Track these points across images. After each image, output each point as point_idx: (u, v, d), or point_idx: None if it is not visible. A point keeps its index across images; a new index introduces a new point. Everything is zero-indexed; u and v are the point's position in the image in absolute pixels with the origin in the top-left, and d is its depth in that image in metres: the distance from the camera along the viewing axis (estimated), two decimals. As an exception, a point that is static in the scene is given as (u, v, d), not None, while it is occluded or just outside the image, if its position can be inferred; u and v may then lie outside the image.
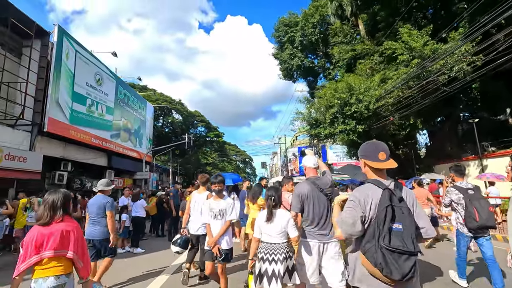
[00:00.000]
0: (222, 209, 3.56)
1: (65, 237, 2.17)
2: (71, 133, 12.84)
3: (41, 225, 2.17)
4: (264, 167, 47.05)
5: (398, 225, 1.53)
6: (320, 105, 12.73)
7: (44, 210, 2.20)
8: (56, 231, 2.14)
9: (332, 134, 12.58)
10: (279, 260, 2.75)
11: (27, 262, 2.05)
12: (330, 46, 20.12)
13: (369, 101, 11.40)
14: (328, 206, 2.94)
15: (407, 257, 1.48)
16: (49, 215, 2.18)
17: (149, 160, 23.19)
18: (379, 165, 1.72)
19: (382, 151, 1.73)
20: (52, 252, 2.09)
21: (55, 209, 2.21)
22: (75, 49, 13.43)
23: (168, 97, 32.18)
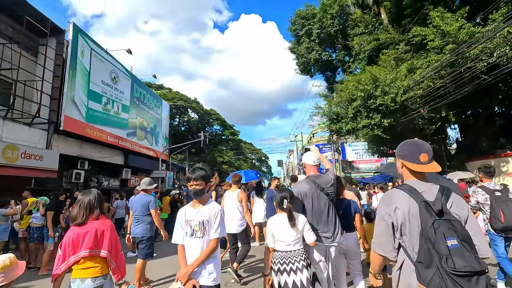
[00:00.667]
0: (204, 221, 2.29)
1: (99, 236, 2.17)
2: (87, 131, 12.78)
3: (77, 225, 2.18)
4: (280, 165, 46.34)
5: (453, 241, 1.27)
6: (341, 99, 11.95)
7: (80, 210, 2.21)
8: (91, 230, 2.15)
9: (355, 129, 11.78)
10: (298, 269, 2.41)
11: (66, 262, 2.09)
12: (349, 38, 19.18)
13: (395, 92, 10.52)
14: (329, 206, 2.76)
15: (477, 278, 1.22)
16: (85, 214, 2.20)
17: (166, 158, 23.12)
18: (420, 168, 1.51)
19: (425, 152, 1.52)
20: (87, 251, 2.10)
21: (92, 208, 2.23)
22: (90, 47, 13.35)
23: (183, 96, 32.16)
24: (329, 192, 2.79)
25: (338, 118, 12.36)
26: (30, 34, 10.99)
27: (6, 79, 9.77)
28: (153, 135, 20.38)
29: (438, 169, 1.51)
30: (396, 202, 1.48)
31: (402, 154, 1.61)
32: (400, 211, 1.45)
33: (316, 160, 2.96)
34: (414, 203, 1.42)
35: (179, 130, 36.31)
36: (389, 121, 10.91)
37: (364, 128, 11.52)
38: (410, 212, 1.42)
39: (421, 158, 1.51)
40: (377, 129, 11.32)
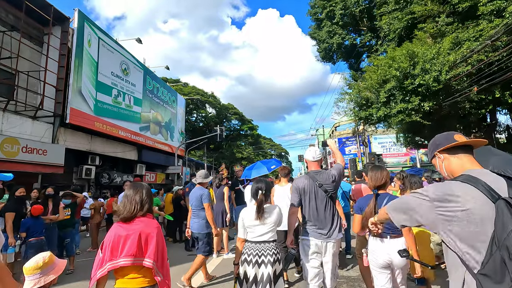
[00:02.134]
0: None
1: (144, 241, 1.85)
2: (96, 125, 12.15)
3: (122, 220, 1.91)
4: (301, 161, 44.71)
5: None
6: (371, 81, 10.40)
7: (127, 203, 1.93)
8: (134, 232, 1.84)
9: (387, 115, 10.21)
10: (264, 262, 2.46)
11: (102, 269, 1.81)
12: (376, 19, 17.36)
13: (439, 70, 8.85)
14: (327, 203, 2.75)
15: None
16: (135, 208, 1.91)
17: (182, 154, 22.48)
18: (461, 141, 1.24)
19: (459, 133, 1.30)
20: (128, 259, 1.80)
21: (142, 203, 1.94)
22: (98, 36, 12.69)
23: (200, 90, 31.46)
24: (327, 189, 2.75)
25: (368, 104, 10.82)
26: (33, 22, 10.40)
27: (7, 69, 9.21)
28: (168, 130, 19.72)
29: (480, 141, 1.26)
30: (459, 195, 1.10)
31: (435, 147, 1.34)
32: (463, 209, 1.08)
33: (316, 156, 2.91)
34: (485, 200, 1.06)
35: (197, 126, 35.79)
36: (430, 104, 9.27)
37: (398, 114, 9.94)
38: (479, 212, 1.06)
39: (456, 138, 1.27)
40: (415, 115, 9.72)
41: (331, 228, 2.69)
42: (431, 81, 8.90)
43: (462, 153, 1.26)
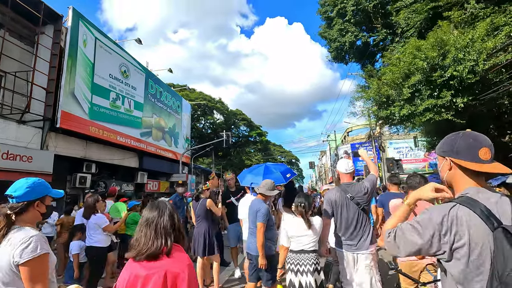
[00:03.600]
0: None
1: (170, 284, 1.30)
2: (91, 129, 11.32)
3: (139, 260, 1.35)
4: (312, 167, 43.27)
5: None
6: (393, 75, 9.16)
7: (146, 235, 1.37)
8: (157, 271, 1.31)
9: (412, 114, 8.91)
10: (305, 271, 2.61)
11: None
12: (391, 15, 16.19)
13: (475, 59, 7.56)
14: (359, 215, 2.73)
15: None
16: (161, 241, 1.36)
17: (187, 161, 21.55)
18: (481, 167, 1.09)
19: (487, 146, 1.11)
20: None
21: (167, 234, 1.38)
22: (94, 36, 11.98)
23: (207, 96, 30.72)
24: (359, 201, 2.74)
25: (389, 102, 9.55)
26: (23, 21, 9.75)
27: (-9, 70, 8.48)
28: (172, 136, 18.85)
29: (503, 169, 1.09)
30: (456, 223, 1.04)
31: (451, 150, 1.18)
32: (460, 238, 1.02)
33: (349, 168, 2.93)
34: (484, 228, 0.99)
35: (205, 132, 35.00)
36: (464, 99, 7.94)
37: (426, 112, 8.63)
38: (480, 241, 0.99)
39: (481, 155, 1.10)
40: (445, 112, 8.40)
41: (360, 239, 2.68)
42: (465, 72, 7.60)
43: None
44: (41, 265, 1.47)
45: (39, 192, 1.60)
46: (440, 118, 8.40)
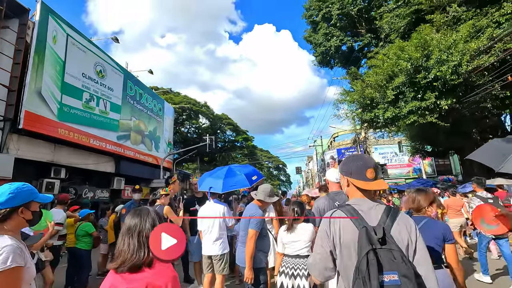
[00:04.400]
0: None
1: None
2: (60, 132, 10.53)
3: (121, 271, 1.24)
4: (299, 173, 43.08)
5: (392, 276, 1.10)
6: (376, 77, 8.94)
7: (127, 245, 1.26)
8: (138, 285, 1.21)
9: (397, 117, 8.69)
10: (299, 275, 2.65)
11: None
12: (375, 20, 16.30)
13: (459, 59, 7.40)
14: None
15: None
16: (139, 254, 1.24)
17: (169, 166, 20.76)
18: (367, 186, 1.35)
19: (372, 167, 1.38)
20: None
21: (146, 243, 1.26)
22: (66, 33, 11.26)
23: (192, 100, 30.08)
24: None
25: (373, 104, 9.31)
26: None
27: None
28: (152, 140, 18.09)
29: (385, 186, 1.42)
30: (336, 226, 1.31)
31: (346, 170, 1.44)
32: (338, 237, 1.29)
33: (339, 178, 2.36)
34: (354, 229, 1.25)
35: (191, 137, 34.22)
36: (448, 101, 7.76)
37: (410, 114, 8.42)
38: (349, 239, 1.25)
39: (367, 174, 1.35)
40: (429, 115, 8.20)
41: None
42: (449, 73, 7.43)
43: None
44: (10, 279, 1.33)
45: (23, 198, 1.53)
46: (424, 121, 8.20)
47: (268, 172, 56.30)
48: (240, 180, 3.03)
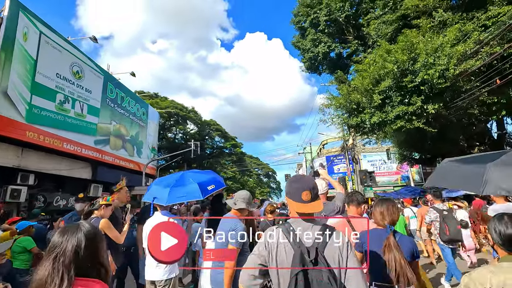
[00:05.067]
0: None
1: None
2: (28, 135, 9.82)
3: None
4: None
5: None
6: (363, 80, 8.65)
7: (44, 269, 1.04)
8: None
9: (383, 122, 8.38)
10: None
11: None
12: (363, 27, 16.30)
13: (445, 63, 7.17)
14: None
15: None
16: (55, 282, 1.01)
17: (153, 173, 20.00)
18: (301, 208, 1.37)
19: (308, 189, 1.38)
20: None
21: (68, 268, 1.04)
22: (39, 30, 10.63)
23: (179, 104, 29.47)
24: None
25: (359, 109, 9.00)
26: None
27: None
28: (134, 145, 17.38)
29: (319, 209, 1.38)
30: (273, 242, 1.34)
31: (288, 192, 1.47)
32: (274, 253, 1.31)
33: (323, 189, 2.93)
34: (290, 248, 1.28)
35: (180, 143, 33.42)
36: (435, 106, 7.50)
37: (397, 120, 8.13)
38: (284, 258, 1.28)
39: (303, 197, 1.37)
40: (416, 120, 7.92)
41: None
42: (436, 77, 7.18)
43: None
44: None
45: None
46: (411, 126, 7.91)
47: (257, 179, 55.67)
48: (191, 191, 2.47)
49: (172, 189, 2.48)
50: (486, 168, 1.78)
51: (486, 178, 1.75)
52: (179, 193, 2.42)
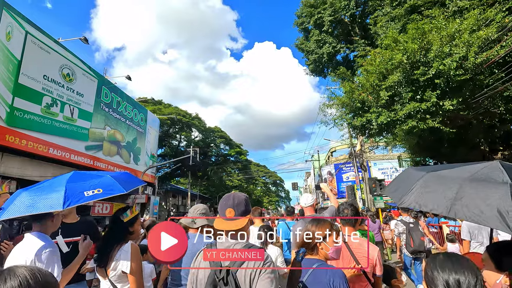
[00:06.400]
0: None
1: None
2: (8, 139, 9.23)
3: None
4: (295, 189, 41.33)
5: None
6: (368, 77, 7.68)
7: None
8: None
9: (392, 121, 7.35)
10: None
11: None
12: (370, 25, 15.44)
13: (465, 51, 6.14)
14: None
15: None
16: None
17: (151, 181, 19.28)
18: (220, 225, 1.38)
19: (231, 207, 1.39)
20: None
21: None
22: (25, 30, 10.18)
23: (182, 111, 28.96)
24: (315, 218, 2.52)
25: (364, 108, 7.99)
26: None
27: None
28: (130, 151, 16.73)
29: (234, 227, 1.34)
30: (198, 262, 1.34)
31: (220, 209, 1.48)
32: (197, 272, 1.30)
33: (308, 202, 3.13)
34: (208, 266, 1.27)
35: (183, 150, 32.84)
36: (454, 101, 6.44)
37: (408, 119, 7.08)
38: (201, 277, 1.26)
39: (226, 213, 1.39)
40: (431, 119, 6.85)
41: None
42: (453, 67, 6.14)
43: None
44: None
45: None
46: (425, 126, 6.83)
47: (265, 187, 54.45)
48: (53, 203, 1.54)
49: (38, 194, 1.56)
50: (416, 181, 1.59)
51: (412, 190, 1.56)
52: (40, 199, 1.51)
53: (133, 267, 1.61)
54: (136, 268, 1.62)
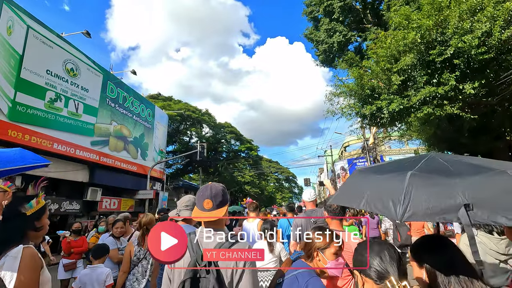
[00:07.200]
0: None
1: None
2: (10, 134, 9.22)
3: None
4: (308, 185, 40.61)
5: None
6: (378, 58, 7.04)
7: None
8: None
9: (405, 109, 6.69)
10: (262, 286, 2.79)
11: None
12: (383, 12, 14.61)
13: (489, 26, 5.43)
14: None
15: None
16: None
17: (160, 176, 19.23)
18: (197, 216, 1.41)
19: (208, 198, 1.38)
20: None
21: None
22: (26, 24, 10.13)
23: (192, 107, 28.83)
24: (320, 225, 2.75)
25: (374, 95, 7.35)
26: None
27: None
28: (138, 147, 16.67)
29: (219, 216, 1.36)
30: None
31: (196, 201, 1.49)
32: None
33: (311, 197, 3.42)
34: (188, 256, 1.24)
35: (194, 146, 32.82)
36: (475, 84, 5.74)
37: (423, 105, 6.41)
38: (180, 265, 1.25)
39: (204, 205, 1.38)
40: (449, 105, 6.17)
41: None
42: (474, 45, 5.44)
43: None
44: None
45: None
46: (442, 113, 6.15)
47: (278, 184, 53.94)
48: None
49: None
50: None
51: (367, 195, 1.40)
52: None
53: (21, 280, 1.21)
54: (27, 282, 1.23)
